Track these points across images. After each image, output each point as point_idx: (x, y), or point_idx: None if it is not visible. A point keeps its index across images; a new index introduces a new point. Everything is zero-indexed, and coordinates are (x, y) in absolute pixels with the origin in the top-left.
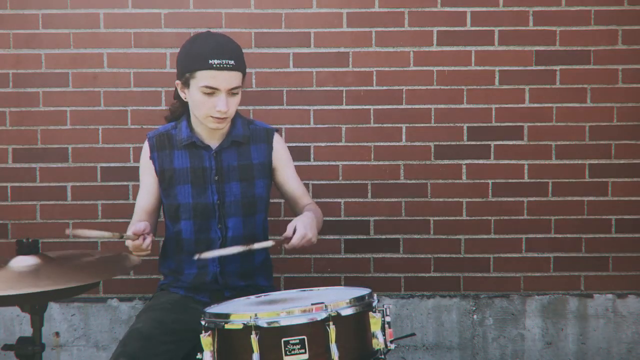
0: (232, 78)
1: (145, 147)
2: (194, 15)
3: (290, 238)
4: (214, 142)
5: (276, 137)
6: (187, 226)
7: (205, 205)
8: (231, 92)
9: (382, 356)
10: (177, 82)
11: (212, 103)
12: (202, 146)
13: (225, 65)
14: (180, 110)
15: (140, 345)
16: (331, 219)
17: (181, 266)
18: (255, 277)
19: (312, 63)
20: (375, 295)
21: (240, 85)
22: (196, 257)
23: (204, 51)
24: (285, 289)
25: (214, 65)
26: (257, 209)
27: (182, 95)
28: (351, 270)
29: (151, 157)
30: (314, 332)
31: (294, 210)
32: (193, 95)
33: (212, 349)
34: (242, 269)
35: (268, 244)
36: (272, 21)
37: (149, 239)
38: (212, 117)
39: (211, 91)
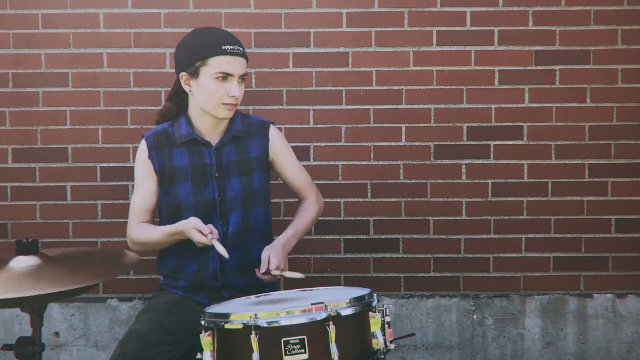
0: (243, 65)
1: (143, 147)
2: (194, 15)
3: (267, 271)
4: (214, 138)
5: (272, 129)
6: None
7: (206, 202)
8: (241, 78)
9: (382, 356)
10: (183, 74)
11: (225, 90)
12: (203, 143)
13: (237, 51)
14: (174, 112)
15: (139, 346)
16: (331, 219)
17: (181, 265)
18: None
19: (312, 63)
20: (375, 296)
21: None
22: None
23: (215, 39)
24: (285, 289)
25: (228, 51)
26: (257, 202)
27: (186, 88)
28: (351, 270)
29: (150, 157)
30: (314, 332)
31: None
32: (204, 84)
33: (212, 349)
34: (241, 263)
35: (297, 275)
36: (272, 21)
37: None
38: (224, 104)
39: (226, 77)
